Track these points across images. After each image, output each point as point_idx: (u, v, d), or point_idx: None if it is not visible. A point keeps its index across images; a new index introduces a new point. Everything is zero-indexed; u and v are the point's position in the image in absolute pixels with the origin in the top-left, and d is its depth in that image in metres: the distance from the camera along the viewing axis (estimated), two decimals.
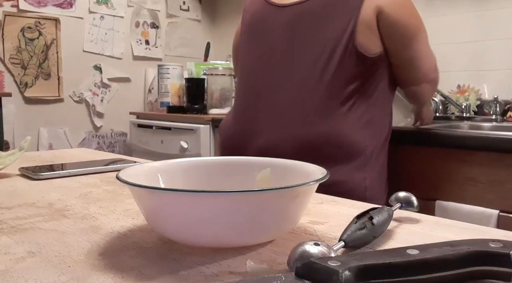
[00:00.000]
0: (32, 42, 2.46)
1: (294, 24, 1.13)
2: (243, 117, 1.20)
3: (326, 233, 0.44)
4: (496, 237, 0.37)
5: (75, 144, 2.65)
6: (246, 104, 1.20)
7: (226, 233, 0.36)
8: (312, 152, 1.04)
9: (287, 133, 1.08)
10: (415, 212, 0.49)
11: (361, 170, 1.06)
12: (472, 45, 1.87)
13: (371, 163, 1.08)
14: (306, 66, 1.09)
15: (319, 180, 0.38)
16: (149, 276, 0.33)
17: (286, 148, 1.06)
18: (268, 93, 1.14)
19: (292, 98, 1.10)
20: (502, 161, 1.16)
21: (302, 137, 1.06)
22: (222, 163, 0.51)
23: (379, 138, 1.12)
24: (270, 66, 1.15)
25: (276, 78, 1.14)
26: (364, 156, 1.07)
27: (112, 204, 0.55)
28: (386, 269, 0.27)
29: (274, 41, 1.16)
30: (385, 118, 1.16)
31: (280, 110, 1.11)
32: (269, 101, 1.14)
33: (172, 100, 2.50)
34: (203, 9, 3.19)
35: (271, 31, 1.17)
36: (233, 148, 1.21)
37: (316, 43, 1.09)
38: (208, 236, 0.36)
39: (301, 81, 1.09)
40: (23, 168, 0.75)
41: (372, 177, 1.08)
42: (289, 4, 1.14)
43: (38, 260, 0.36)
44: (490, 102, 1.79)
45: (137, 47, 2.88)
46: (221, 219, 0.35)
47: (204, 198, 0.34)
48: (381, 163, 1.14)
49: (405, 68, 1.13)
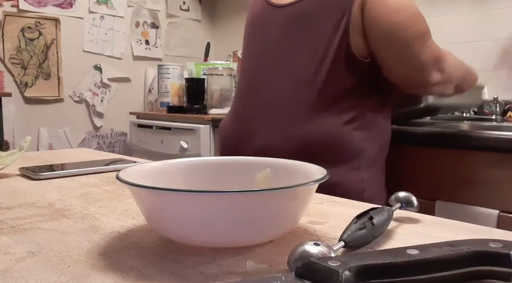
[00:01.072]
0: (32, 42, 2.46)
1: (289, 24, 1.13)
2: (241, 118, 1.20)
3: (326, 233, 0.44)
4: (496, 237, 0.37)
5: (75, 144, 2.65)
6: (243, 104, 1.21)
7: (226, 233, 0.36)
8: (308, 153, 1.03)
9: (283, 134, 1.08)
10: (415, 212, 0.49)
11: (359, 171, 1.05)
12: (472, 45, 1.87)
13: (369, 165, 1.08)
14: (300, 67, 1.09)
15: (319, 180, 0.38)
16: (149, 276, 0.33)
17: (282, 149, 1.06)
18: (265, 93, 1.15)
19: (287, 99, 1.10)
20: (502, 161, 1.16)
21: (298, 138, 1.06)
22: (222, 163, 0.51)
23: (378, 140, 1.11)
24: (267, 67, 1.16)
25: (272, 79, 1.14)
26: (362, 157, 1.06)
27: (112, 204, 0.55)
28: (386, 269, 0.27)
29: (271, 41, 1.16)
30: (385, 121, 1.14)
31: (276, 111, 1.11)
32: (266, 101, 1.14)
33: (172, 100, 2.50)
34: (203, 9, 3.19)
35: (269, 31, 1.17)
36: (232, 149, 1.21)
37: (310, 43, 1.09)
38: (208, 236, 0.36)
39: (295, 81, 1.10)
40: (23, 168, 0.75)
41: (371, 179, 1.08)
42: (286, 4, 1.14)
43: (38, 260, 0.36)
44: (490, 102, 1.79)
45: (137, 47, 2.88)
46: (221, 219, 0.35)
47: (204, 198, 0.34)
48: (380, 165, 1.13)
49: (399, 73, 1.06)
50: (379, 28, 1.01)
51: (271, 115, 1.12)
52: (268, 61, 1.16)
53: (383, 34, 1.02)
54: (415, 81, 1.06)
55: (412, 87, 1.11)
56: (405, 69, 1.05)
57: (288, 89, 1.10)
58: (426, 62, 1.03)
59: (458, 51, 1.89)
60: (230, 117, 1.25)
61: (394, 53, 1.03)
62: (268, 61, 1.16)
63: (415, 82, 1.07)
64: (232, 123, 1.23)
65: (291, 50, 1.12)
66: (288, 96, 1.10)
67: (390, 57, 1.04)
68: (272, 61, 1.15)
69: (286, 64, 1.12)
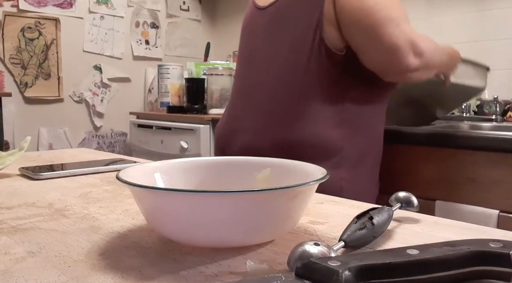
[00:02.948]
0: (32, 42, 2.46)
1: (270, 24, 1.15)
2: (230, 117, 1.23)
3: (326, 233, 0.44)
4: (496, 237, 0.37)
5: (75, 144, 2.65)
6: (234, 105, 1.24)
7: (226, 233, 0.36)
8: (287, 151, 1.03)
9: (265, 132, 1.10)
10: (415, 212, 0.49)
11: (336, 170, 1.04)
12: (472, 45, 1.87)
13: (350, 164, 1.06)
14: (279, 65, 1.11)
15: (319, 180, 0.38)
16: (149, 276, 0.33)
17: (264, 147, 1.07)
18: (251, 93, 1.17)
19: (269, 97, 1.12)
20: (502, 161, 1.16)
21: (278, 136, 1.07)
22: (222, 163, 0.51)
23: (362, 138, 1.09)
24: (253, 67, 1.19)
25: (258, 78, 1.16)
26: (340, 155, 1.04)
27: (112, 204, 0.55)
28: (386, 269, 0.27)
29: (257, 42, 1.19)
30: (369, 119, 1.11)
31: (260, 109, 1.13)
32: (251, 101, 1.16)
33: (172, 100, 2.50)
34: (203, 9, 3.19)
35: (255, 32, 1.21)
36: (221, 148, 1.23)
37: (286, 41, 1.10)
38: (208, 236, 0.36)
39: (276, 80, 1.11)
40: (23, 168, 0.75)
41: (351, 178, 1.06)
42: (268, 5, 1.17)
43: (38, 260, 0.36)
44: (490, 102, 1.79)
45: (137, 47, 2.88)
46: (221, 219, 0.35)
47: (204, 198, 0.34)
48: (368, 164, 1.11)
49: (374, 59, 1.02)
50: (350, 15, 1.00)
51: (255, 114, 1.14)
52: (255, 62, 1.19)
53: (354, 21, 1.00)
54: (392, 66, 1.01)
55: (391, 74, 1.04)
56: (379, 53, 1.00)
57: (270, 88, 1.12)
58: (400, 45, 0.98)
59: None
60: (223, 118, 1.28)
61: (366, 38, 1.00)
62: (254, 62, 1.19)
63: (392, 68, 1.01)
64: (223, 123, 1.26)
65: (273, 50, 1.14)
66: (270, 94, 1.12)
67: (362, 43, 1.01)
68: (258, 61, 1.18)
69: (269, 64, 1.14)
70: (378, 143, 1.16)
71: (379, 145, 1.16)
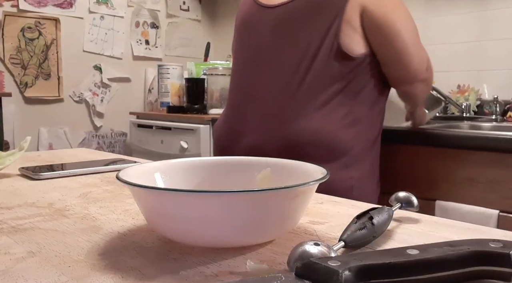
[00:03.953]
0: (32, 42, 2.46)
1: (280, 25, 1.14)
2: (232, 117, 1.22)
3: (326, 233, 0.44)
4: (496, 237, 0.37)
5: (75, 144, 2.65)
6: (235, 104, 1.23)
7: (226, 233, 0.36)
8: (296, 151, 1.03)
9: (272, 133, 1.09)
10: (415, 212, 0.49)
11: (347, 169, 1.06)
12: (472, 45, 1.87)
13: (358, 163, 1.08)
14: (290, 66, 1.11)
15: (319, 180, 0.38)
16: (149, 276, 0.33)
17: (271, 148, 1.07)
18: (255, 93, 1.16)
19: (277, 98, 1.11)
20: (502, 161, 1.16)
21: (286, 137, 1.07)
22: (222, 163, 0.51)
23: (367, 138, 1.11)
24: (258, 67, 1.18)
25: (263, 79, 1.15)
26: (350, 155, 1.06)
27: (112, 204, 0.55)
28: (386, 269, 0.27)
29: (262, 42, 1.18)
30: (375, 118, 1.15)
31: (267, 110, 1.12)
32: (256, 101, 1.15)
33: (172, 100, 2.50)
34: (203, 9, 3.19)
35: (259, 32, 1.19)
36: (223, 148, 1.23)
37: (301, 43, 1.10)
38: (208, 236, 0.36)
39: (285, 81, 1.11)
40: (23, 168, 0.75)
41: (360, 176, 1.08)
42: (276, 5, 1.16)
43: (38, 260, 0.36)
44: (490, 102, 1.79)
45: (137, 47, 2.88)
46: (221, 219, 0.35)
47: (204, 198, 0.34)
48: (370, 163, 1.13)
49: (393, 66, 1.11)
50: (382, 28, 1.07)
51: (261, 115, 1.13)
52: (259, 61, 1.18)
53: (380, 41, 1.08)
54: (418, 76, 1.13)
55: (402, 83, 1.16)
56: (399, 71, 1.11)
57: (278, 89, 1.12)
58: (425, 58, 1.14)
59: (458, 51, 1.90)
60: (223, 118, 1.27)
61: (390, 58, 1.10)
62: (258, 62, 1.18)
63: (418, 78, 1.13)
64: (224, 123, 1.25)
65: (282, 51, 1.13)
66: (278, 95, 1.11)
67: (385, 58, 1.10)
68: (263, 61, 1.17)
69: (277, 64, 1.13)
70: (377, 141, 1.17)
71: (379, 143, 1.18)
